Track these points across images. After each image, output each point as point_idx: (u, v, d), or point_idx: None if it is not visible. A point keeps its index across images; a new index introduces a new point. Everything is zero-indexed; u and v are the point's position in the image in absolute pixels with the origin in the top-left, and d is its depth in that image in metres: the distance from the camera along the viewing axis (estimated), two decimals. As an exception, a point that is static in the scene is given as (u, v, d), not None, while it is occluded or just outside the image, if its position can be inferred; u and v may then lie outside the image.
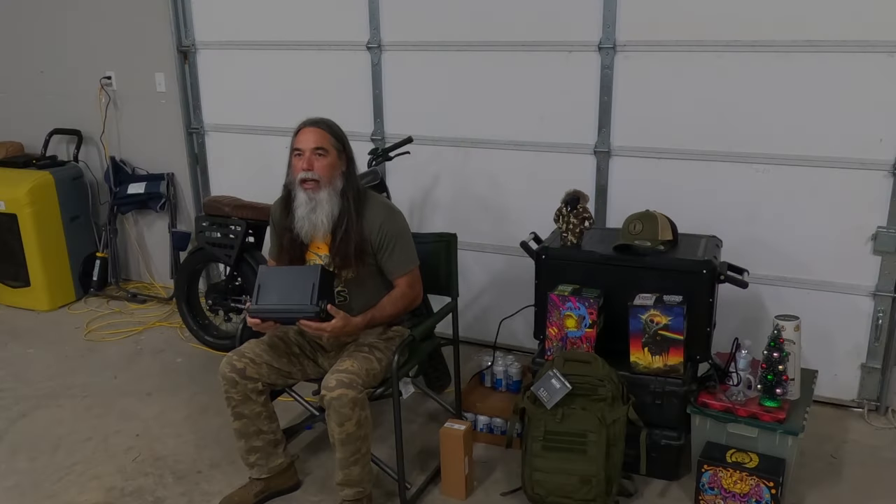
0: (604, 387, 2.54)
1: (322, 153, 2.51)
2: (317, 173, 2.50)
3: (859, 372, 3.23)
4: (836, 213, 3.10)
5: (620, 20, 3.24)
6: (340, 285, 2.61)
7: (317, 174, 2.50)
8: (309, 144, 2.50)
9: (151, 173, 4.56)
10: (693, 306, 2.66)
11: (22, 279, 4.48)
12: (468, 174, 3.74)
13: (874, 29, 2.87)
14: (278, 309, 2.41)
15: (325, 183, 2.51)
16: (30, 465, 3.00)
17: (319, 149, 2.50)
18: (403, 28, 3.69)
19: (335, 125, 2.59)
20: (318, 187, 2.51)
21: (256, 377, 2.54)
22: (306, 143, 2.51)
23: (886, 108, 2.93)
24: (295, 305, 2.38)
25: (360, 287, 2.63)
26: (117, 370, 3.77)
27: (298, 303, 2.37)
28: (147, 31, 4.31)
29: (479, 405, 3.08)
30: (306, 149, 2.50)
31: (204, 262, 4.05)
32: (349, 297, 2.63)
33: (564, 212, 2.91)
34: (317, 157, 2.50)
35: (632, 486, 2.73)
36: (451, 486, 2.73)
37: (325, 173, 2.51)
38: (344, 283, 2.61)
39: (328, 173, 2.52)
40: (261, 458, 2.65)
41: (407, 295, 2.64)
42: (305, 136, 2.52)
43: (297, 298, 2.38)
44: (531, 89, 3.49)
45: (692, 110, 3.22)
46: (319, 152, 2.50)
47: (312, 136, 2.51)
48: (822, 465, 2.88)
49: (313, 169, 2.50)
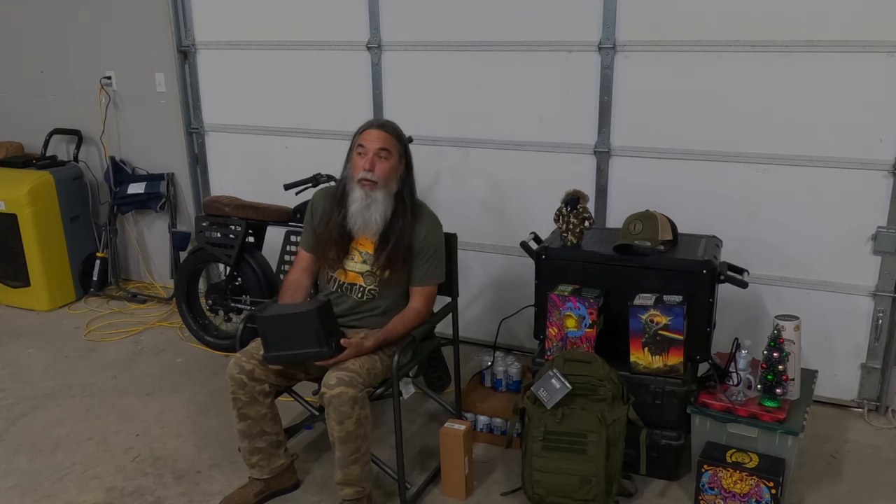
0: (604, 387, 2.54)
1: (385, 156, 2.55)
2: (377, 175, 2.54)
3: (859, 372, 3.23)
4: (836, 213, 3.10)
5: (620, 20, 3.24)
6: (374, 284, 2.65)
7: (376, 176, 2.54)
8: (374, 145, 2.54)
9: (151, 173, 4.56)
10: (693, 306, 2.66)
11: (22, 279, 4.48)
12: (468, 174, 3.74)
13: (874, 29, 2.87)
14: (293, 354, 2.46)
15: (382, 184, 2.55)
16: (30, 465, 3.00)
17: (384, 150, 2.54)
18: (403, 28, 3.69)
19: (399, 129, 2.63)
20: (376, 187, 2.55)
21: (264, 378, 2.54)
22: (372, 143, 2.54)
23: (886, 108, 2.93)
24: (307, 350, 2.43)
25: (391, 287, 2.67)
26: (117, 370, 3.77)
27: (309, 348, 2.42)
28: (147, 31, 4.31)
29: (479, 405, 3.08)
30: (371, 148, 2.54)
31: (204, 262, 4.05)
32: (377, 296, 2.67)
33: (564, 212, 2.91)
34: (380, 158, 2.54)
35: (632, 486, 2.73)
36: (451, 486, 2.73)
37: (384, 175, 2.55)
38: (379, 282, 2.64)
39: (387, 175, 2.56)
40: (263, 458, 2.65)
41: (420, 313, 2.66)
42: (372, 135, 2.56)
43: (307, 344, 2.42)
44: (531, 89, 3.49)
45: (692, 110, 3.22)
46: (383, 154, 2.54)
47: (379, 136, 2.55)
48: (822, 465, 2.89)
49: (374, 170, 2.53)
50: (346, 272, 2.68)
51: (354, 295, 2.68)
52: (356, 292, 2.67)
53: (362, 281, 2.66)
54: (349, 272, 2.67)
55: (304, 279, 2.77)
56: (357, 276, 2.67)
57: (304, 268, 2.77)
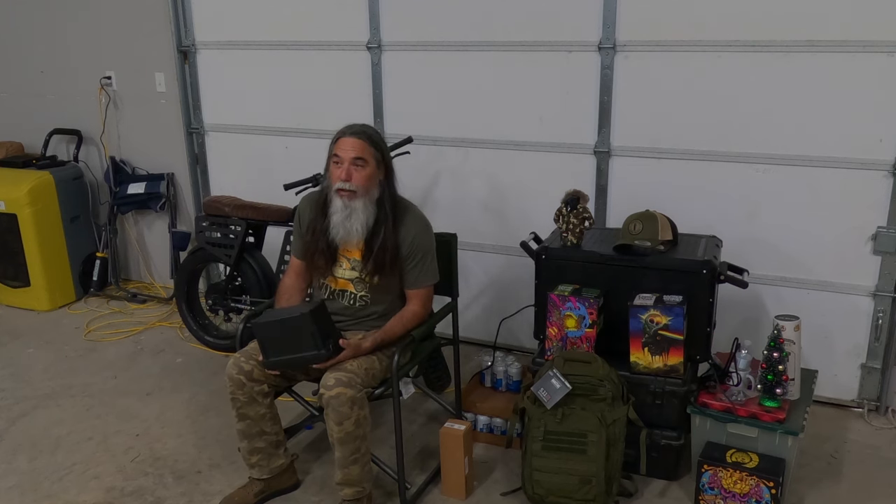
0: (604, 387, 2.54)
1: (361, 164, 2.51)
2: (354, 184, 2.51)
3: (859, 372, 3.23)
4: (836, 213, 3.10)
5: (620, 20, 3.24)
6: (365, 290, 2.64)
7: (354, 185, 2.51)
8: (349, 154, 2.51)
9: (151, 173, 4.56)
10: (693, 306, 2.66)
11: (22, 279, 4.48)
12: (468, 174, 3.74)
13: (874, 29, 2.87)
14: (291, 359, 2.46)
15: (361, 193, 2.53)
16: (30, 465, 3.00)
17: (359, 159, 2.51)
18: (403, 28, 3.69)
19: (376, 134, 2.60)
20: (355, 197, 2.52)
21: (263, 379, 2.54)
22: (346, 152, 2.51)
23: (886, 108, 2.93)
24: (305, 354, 2.43)
25: (384, 292, 2.66)
26: (117, 370, 3.77)
27: (307, 351, 2.42)
28: (147, 32, 4.31)
29: (479, 405, 3.08)
30: (346, 158, 2.51)
31: (204, 262, 4.05)
32: (370, 302, 2.66)
33: (564, 212, 2.91)
34: (356, 167, 2.51)
35: (632, 486, 2.72)
36: (451, 486, 2.73)
37: (362, 184, 2.52)
38: (370, 288, 2.63)
39: (365, 184, 2.53)
40: (262, 458, 2.65)
41: (418, 315, 2.65)
42: (346, 144, 2.52)
43: (304, 347, 2.41)
44: (531, 89, 3.49)
45: (692, 110, 3.22)
46: (358, 163, 2.51)
47: (353, 145, 2.51)
48: (822, 465, 2.88)
49: (351, 180, 2.51)
50: (336, 279, 2.67)
51: (346, 301, 2.67)
52: (348, 299, 2.67)
53: (353, 287, 2.65)
54: (339, 279, 2.67)
55: (299, 283, 2.76)
56: (347, 282, 2.66)
57: (298, 273, 2.76)
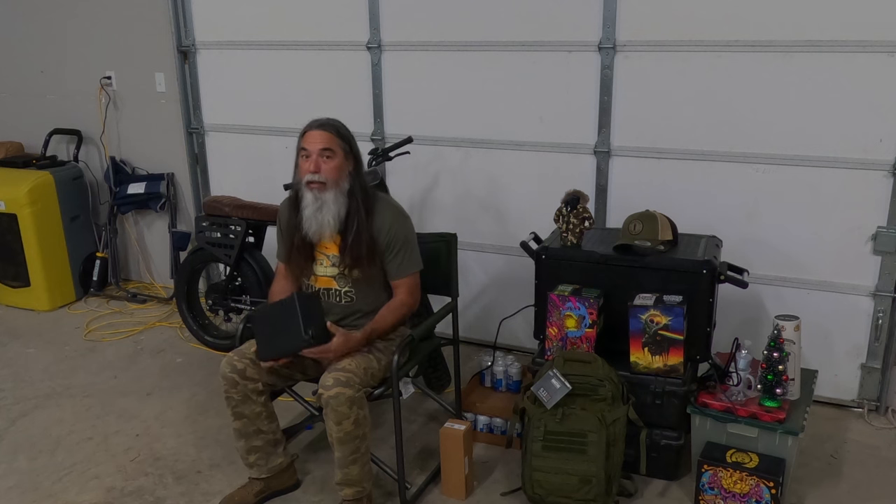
0: (604, 387, 2.54)
1: (329, 155, 2.51)
2: (323, 175, 2.51)
3: (859, 372, 3.23)
4: (837, 213, 3.10)
5: (620, 20, 3.24)
6: (348, 286, 2.63)
7: (323, 177, 2.51)
8: (316, 146, 2.51)
9: (151, 173, 4.56)
10: (693, 306, 2.66)
11: (22, 279, 4.48)
12: (468, 174, 3.74)
13: (874, 29, 2.87)
14: (280, 346, 2.45)
15: (331, 184, 2.52)
16: (30, 465, 3.00)
17: (326, 150, 2.51)
18: (403, 28, 3.69)
19: (342, 126, 2.59)
20: (325, 188, 2.52)
21: (256, 377, 2.54)
22: (313, 144, 2.51)
23: (886, 108, 2.93)
24: (290, 342, 2.42)
25: (368, 286, 2.64)
26: (117, 370, 3.77)
27: (292, 338, 2.41)
28: (147, 31, 4.31)
29: (479, 405, 3.08)
30: (313, 150, 2.51)
31: (204, 262, 4.05)
32: (356, 298, 2.64)
33: (564, 212, 2.91)
34: (324, 159, 2.51)
35: (632, 486, 2.72)
36: (451, 486, 2.73)
37: (331, 175, 2.51)
38: (352, 283, 2.62)
39: (335, 175, 2.52)
40: (260, 457, 2.65)
41: (406, 303, 2.65)
42: (313, 137, 2.52)
43: (289, 334, 2.41)
44: (531, 89, 3.49)
45: (692, 110, 3.22)
46: (326, 154, 2.51)
47: (319, 137, 2.51)
48: (822, 465, 2.88)
49: (320, 171, 2.50)
50: (318, 277, 2.66)
51: (333, 299, 2.66)
52: (333, 296, 2.65)
53: (335, 284, 2.64)
54: (320, 277, 2.65)
55: (288, 287, 2.72)
56: (329, 280, 2.64)
57: (285, 276, 2.74)
